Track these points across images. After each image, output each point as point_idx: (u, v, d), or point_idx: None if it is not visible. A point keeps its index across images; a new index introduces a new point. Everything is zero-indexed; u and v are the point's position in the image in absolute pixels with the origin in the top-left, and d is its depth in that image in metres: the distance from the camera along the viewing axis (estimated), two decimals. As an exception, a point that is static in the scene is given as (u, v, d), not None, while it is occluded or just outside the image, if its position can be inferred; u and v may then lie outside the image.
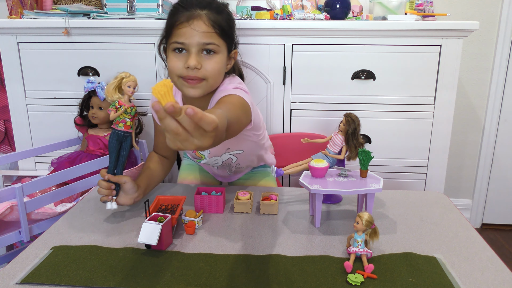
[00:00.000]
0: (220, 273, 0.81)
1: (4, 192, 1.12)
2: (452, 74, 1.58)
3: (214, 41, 0.99)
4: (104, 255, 0.87)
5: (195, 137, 0.52)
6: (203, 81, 1.01)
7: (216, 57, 1.01)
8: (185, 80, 1.01)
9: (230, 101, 0.93)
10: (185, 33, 0.97)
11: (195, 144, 0.53)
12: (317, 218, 1.00)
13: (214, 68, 1.00)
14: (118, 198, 1.04)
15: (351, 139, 1.07)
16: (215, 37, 1.00)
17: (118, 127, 1.03)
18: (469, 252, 0.89)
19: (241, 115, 0.91)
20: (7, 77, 1.68)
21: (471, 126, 2.24)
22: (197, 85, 1.01)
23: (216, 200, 1.08)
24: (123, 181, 1.02)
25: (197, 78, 0.99)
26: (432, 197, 1.19)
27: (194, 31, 0.97)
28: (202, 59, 0.99)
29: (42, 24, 1.59)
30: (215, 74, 1.02)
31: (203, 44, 0.98)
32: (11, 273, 0.81)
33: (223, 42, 1.02)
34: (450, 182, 2.30)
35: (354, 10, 1.76)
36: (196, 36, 0.97)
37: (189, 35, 0.97)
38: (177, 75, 1.01)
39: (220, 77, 1.06)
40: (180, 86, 1.03)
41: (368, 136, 1.65)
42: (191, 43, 0.98)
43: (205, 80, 1.01)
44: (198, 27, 0.97)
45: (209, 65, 1.00)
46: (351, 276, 0.78)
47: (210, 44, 0.99)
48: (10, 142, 2.08)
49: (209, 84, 1.02)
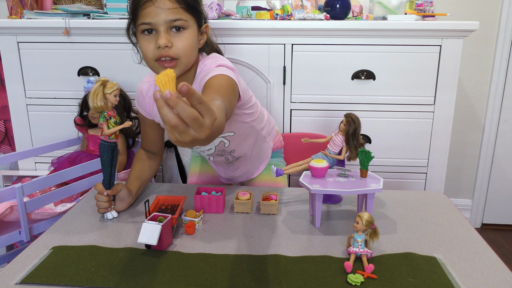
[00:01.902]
0: (220, 273, 0.81)
1: (4, 192, 1.12)
2: (452, 74, 1.58)
3: (181, 16, 0.97)
4: (104, 255, 0.87)
5: (193, 128, 0.51)
6: (176, 60, 0.99)
7: (186, 33, 0.99)
8: (159, 63, 0.99)
9: (218, 84, 0.91)
10: (150, 13, 0.95)
11: (192, 135, 0.52)
12: (317, 218, 1.00)
13: (185, 45, 0.99)
14: (116, 206, 1.06)
15: (351, 139, 1.06)
16: (181, 13, 0.97)
17: (110, 139, 0.98)
18: (469, 252, 0.89)
19: (231, 97, 0.90)
20: (7, 77, 1.68)
21: (471, 126, 2.24)
22: (172, 65, 0.99)
23: (216, 200, 1.08)
24: (119, 190, 1.04)
25: (170, 57, 0.97)
26: (432, 197, 1.19)
27: (159, 9, 0.95)
28: (172, 37, 0.97)
29: (42, 24, 1.59)
30: (187, 51, 0.99)
31: (170, 21, 0.96)
32: (11, 273, 0.81)
33: (191, 16, 1.00)
34: (450, 182, 2.30)
35: (354, 10, 1.76)
36: (162, 14, 0.95)
37: (155, 13, 0.95)
38: (151, 58, 0.99)
39: (193, 53, 1.03)
40: (156, 70, 1.02)
41: (368, 136, 1.65)
42: (158, 21, 0.96)
43: (178, 59, 0.99)
44: (163, 4, 0.95)
45: (180, 42, 0.98)
46: (351, 276, 0.78)
47: (177, 21, 0.97)
48: (10, 142, 2.08)
49: (183, 62, 1.00)
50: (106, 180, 1.03)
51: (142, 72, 1.63)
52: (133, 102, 1.61)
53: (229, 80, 0.94)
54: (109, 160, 1.01)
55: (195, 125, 0.51)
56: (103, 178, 1.03)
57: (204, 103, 0.51)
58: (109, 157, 1.00)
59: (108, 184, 1.04)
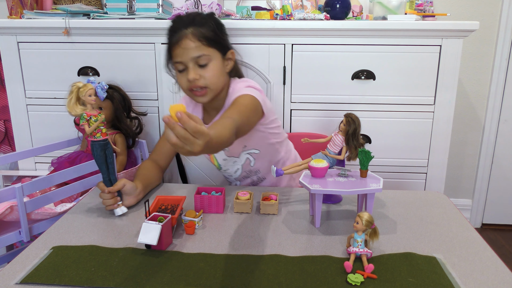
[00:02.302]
0: (220, 273, 0.81)
1: (4, 192, 1.11)
2: (452, 74, 1.58)
3: (203, 52, 1.14)
4: (104, 255, 0.87)
5: (187, 144, 0.67)
6: (206, 89, 1.17)
7: (210, 65, 1.16)
8: (193, 93, 1.18)
9: (241, 102, 1.09)
10: (178, 54, 1.15)
11: (187, 150, 0.67)
12: (317, 218, 1.00)
13: (211, 75, 1.16)
14: (124, 201, 1.08)
15: (351, 139, 1.06)
16: (204, 49, 1.14)
17: (96, 138, 1.02)
18: (469, 252, 0.89)
19: (251, 115, 1.09)
20: (7, 77, 1.68)
21: (471, 126, 2.24)
22: (203, 94, 1.18)
23: (216, 200, 1.08)
24: (122, 185, 1.06)
25: (200, 87, 1.16)
26: (432, 197, 1.19)
27: (185, 50, 1.13)
28: (199, 70, 1.15)
29: (42, 24, 1.59)
30: (213, 80, 1.16)
31: (195, 58, 1.14)
32: (11, 273, 0.81)
33: (213, 49, 1.16)
34: (450, 182, 2.30)
35: (354, 10, 1.76)
36: (188, 53, 1.13)
37: (182, 54, 1.14)
38: (186, 89, 1.19)
39: (221, 80, 1.19)
40: (192, 97, 1.21)
41: (368, 136, 1.65)
42: (186, 60, 1.14)
43: (207, 87, 1.17)
44: (187, 45, 1.13)
45: (207, 74, 1.15)
46: (351, 276, 0.78)
47: (201, 57, 1.14)
48: (10, 142, 2.08)
49: (212, 89, 1.18)
50: (106, 178, 1.05)
51: (142, 72, 1.64)
52: (133, 102, 1.61)
53: (252, 99, 1.13)
54: (102, 158, 1.03)
55: (188, 143, 0.67)
56: (102, 177, 1.05)
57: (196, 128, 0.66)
58: (101, 155, 1.02)
59: (108, 182, 1.05)
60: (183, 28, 1.14)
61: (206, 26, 1.16)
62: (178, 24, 1.16)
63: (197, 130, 0.67)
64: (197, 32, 1.14)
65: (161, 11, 1.62)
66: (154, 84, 1.65)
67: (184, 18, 1.17)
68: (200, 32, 1.14)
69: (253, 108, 1.12)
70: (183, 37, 1.13)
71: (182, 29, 1.14)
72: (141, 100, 1.67)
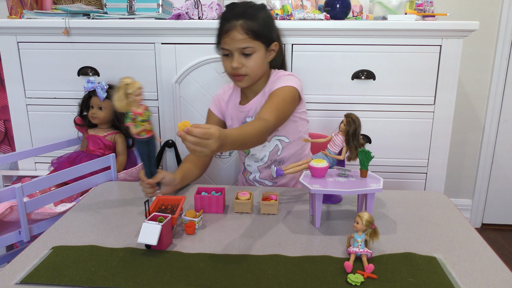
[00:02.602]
0: (220, 273, 0.81)
1: (4, 192, 1.11)
2: (452, 74, 1.58)
3: (249, 45, 1.22)
4: (104, 255, 0.87)
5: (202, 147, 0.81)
6: (246, 76, 1.26)
7: (253, 56, 1.24)
8: (233, 77, 1.28)
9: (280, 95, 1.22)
10: (226, 42, 1.23)
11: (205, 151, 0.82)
12: (317, 218, 1.00)
13: (253, 65, 1.25)
14: (162, 190, 1.15)
15: (351, 139, 1.06)
16: (250, 41, 1.22)
17: (141, 136, 1.01)
18: (469, 252, 0.89)
19: (289, 106, 1.24)
20: (7, 77, 1.68)
21: (471, 126, 2.24)
22: (242, 80, 1.27)
23: (216, 200, 1.08)
24: (161, 178, 1.13)
25: (240, 74, 1.25)
26: (432, 197, 1.19)
27: (232, 40, 1.21)
28: (242, 59, 1.24)
29: (42, 24, 1.59)
30: (254, 69, 1.25)
31: (241, 48, 1.22)
32: (11, 273, 0.81)
33: (258, 42, 1.23)
34: (450, 182, 2.30)
35: (354, 10, 1.76)
36: (235, 44, 1.22)
37: (230, 43, 1.22)
38: (228, 73, 1.29)
39: (261, 69, 1.28)
40: (233, 81, 1.32)
41: (368, 136, 1.65)
42: (232, 49, 1.23)
43: (247, 75, 1.26)
44: (235, 36, 1.21)
45: (249, 63, 1.24)
46: (351, 276, 0.78)
47: (246, 48, 1.22)
48: (10, 142, 2.09)
49: (251, 77, 1.27)
50: (147, 171, 1.09)
51: (142, 72, 1.64)
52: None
53: (291, 90, 1.25)
54: (145, 154, 1.06)
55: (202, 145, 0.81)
56: (145, 170, 1.09)
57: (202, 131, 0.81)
58: (144, 151, 1.05)
59: (149, 174, 1.10)
60: (233, 19, 1.21)
61: (255, 19, 1.22)
62: (230, 13, 1.23)
63: (204, 133, 0.81)
64: (245, 25, 1.20)
65: (161, 11, 1.62)
66: (154, 84, 1.65)
67: (236, 8, 1.23)
68: (248, 25, 1.20)
69: (291, 99, 1.24)
70: (233, 28, 1.20)
71: (233, 20, 1.21)
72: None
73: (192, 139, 0.80)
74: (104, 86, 1.52)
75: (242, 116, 1.36)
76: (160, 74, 1.64)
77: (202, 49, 1.60)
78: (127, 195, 1.22)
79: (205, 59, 1.60)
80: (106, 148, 1.52)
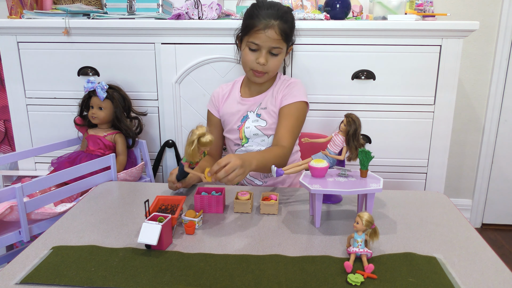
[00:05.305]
0: (220, 273, 0.81)
1: (4, 192, 1.11)
2: (452, 74, 1.58)
3: (279, 45, 1.27)
4: (104, 255, 0.87)
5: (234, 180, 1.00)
6: (266, 74, 1.31)
7: (279, 56, 1.30)
8: (253, 72, 1.31)
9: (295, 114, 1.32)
10: (260, 37, 1.25)
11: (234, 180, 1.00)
12: (317, 218, 1.00)
13: (276, 65, 1.31)
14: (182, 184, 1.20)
15: (351, 140, 1.06)
16: (281, 43, 1.27)
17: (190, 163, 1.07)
18: (469, 252, 0.89)
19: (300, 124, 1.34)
20: (7, 77, 1.68)
21: (471, 126, 2.24)
22: (262, 77, 1.32)
23: (216, 200, 1.08)
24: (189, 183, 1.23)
25: (262, 71, 1.30)
26: (432, 197, 1.19)
27: (268, 38, 1.25)
28: (269, 57, 1.28)
29: (42, 24, 1.59)
30: (275, 68, 1.32)
31: (272, 47, 1.27)
32: (11, 273, 0.81)
33: (285, 44, 1.30)
34: (450, 182, 2.30)
35: (354, 10, 1.76)
36: (268, 42, 1.25)
37: (263, 40, 1.25)
38: (249, 67, 1.31)
39: (278, 69, 1.36)
40: (249, 75, 1.35)
41: (368, 136, 1.65)
42: (263, 45, 1.26)
43: (267, 73, 1.31)
44: (271, 35, 1.25)
45: (273, 63, 1.30)
46: (351, 276, 0.78)
47: (276, 48, 1.28)
48: (10, 142, 2.08)
49: (269, 75, 1.34)
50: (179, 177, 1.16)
51: (142, 72, 1.64)
52: (133, 102, 1.61)
53: (303, 107, 1.34)
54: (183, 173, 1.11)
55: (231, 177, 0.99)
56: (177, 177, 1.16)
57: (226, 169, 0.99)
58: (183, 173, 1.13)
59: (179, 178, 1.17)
60: (272, 18, 1.24)
61: (288, 22, 1.28)
62: (268, 11, 1.25)
63: (228, 169, 0.98)
64: (282, 27, 1.25)
65: (161, 11, 1.62)
66: (154, 84, 1.65)
67: (275, 8, 1.27)
68: (284, 27, 1.26)
69: (304, 117, 1.35)
70: (271, 27, 1.24)
71: (271, 19, 1.24)
72: (141, 100, 1.67)
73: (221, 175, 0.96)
74: (104, 86, 1.52)
75: (244, 109, 1.37)
76: (160, 74, 1.64)
77: (202, 49, 1.60)
78: (127, 195, 1.22)
79: (205, 59, 1.60)
80: (106, 148, 1.52)
